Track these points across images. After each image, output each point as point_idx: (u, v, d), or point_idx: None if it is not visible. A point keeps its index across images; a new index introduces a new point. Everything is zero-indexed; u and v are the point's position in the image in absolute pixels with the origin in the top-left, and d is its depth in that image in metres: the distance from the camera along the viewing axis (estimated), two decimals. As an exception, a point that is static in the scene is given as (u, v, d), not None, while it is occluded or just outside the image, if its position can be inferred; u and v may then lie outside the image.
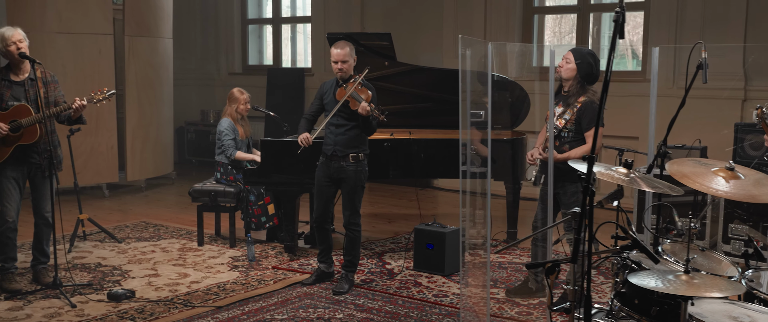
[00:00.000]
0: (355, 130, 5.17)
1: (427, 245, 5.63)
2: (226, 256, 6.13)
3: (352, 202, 5.22)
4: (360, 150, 5.20)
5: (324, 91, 5.32)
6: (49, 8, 8.28)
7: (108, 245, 6.45)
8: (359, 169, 5.19)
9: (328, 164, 5.23)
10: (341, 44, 5.15)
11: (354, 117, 5.13)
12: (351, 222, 5.24)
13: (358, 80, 5.12)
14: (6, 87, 5.04)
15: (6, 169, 5.07)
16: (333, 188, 5.31)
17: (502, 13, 8.93)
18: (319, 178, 5.31)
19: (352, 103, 5.08)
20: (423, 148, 6.13)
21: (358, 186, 5.21)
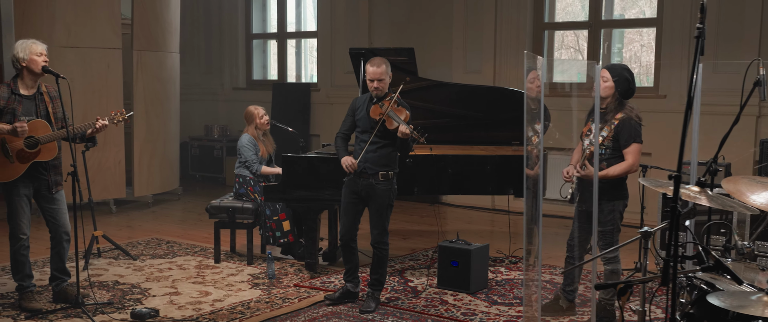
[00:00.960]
0: (387, 148, 5.10)
1: (452, 262, 5.56)
2: (245, 273, 6.04)
3: (381, 220, 5.14)
4: (390, 168, 5.13)
5: (356, 107, 5.24)
6: (57, 22, 8.21)
7: (123, 263, 6.35)
8: (388, 187, 5.12)
9: (357, 181, 5.15)
10: (377, 61, 5.05)
11: (387, 135, 5.05)
12: (379, 241, 5.17)
13: (395, 98, 5.03)
14: (18, 102, 4.94)
15: (18, 185, 4.97)
16: (360, 206, 5.23)
17: (513, 28, 8.92)
18: (346, 195, 5.23)
19: (388, 123, 4.98)
20: (451, 164, 6.07)
21: (387, 204, 5.13)
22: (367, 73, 5.07)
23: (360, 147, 5.12)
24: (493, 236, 7.54)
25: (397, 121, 4.93)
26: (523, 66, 8.88)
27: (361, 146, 5.11)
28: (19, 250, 5.07)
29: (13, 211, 5.00)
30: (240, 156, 6.38)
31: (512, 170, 6.16)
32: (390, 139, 5.07)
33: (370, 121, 5.08)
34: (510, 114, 6.66)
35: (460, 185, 6.16)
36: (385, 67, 5.04)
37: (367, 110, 5.11)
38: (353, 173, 5.14)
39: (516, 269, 6.22)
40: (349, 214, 5.22)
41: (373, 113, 5.05)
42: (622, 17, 8.82)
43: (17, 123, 4.80)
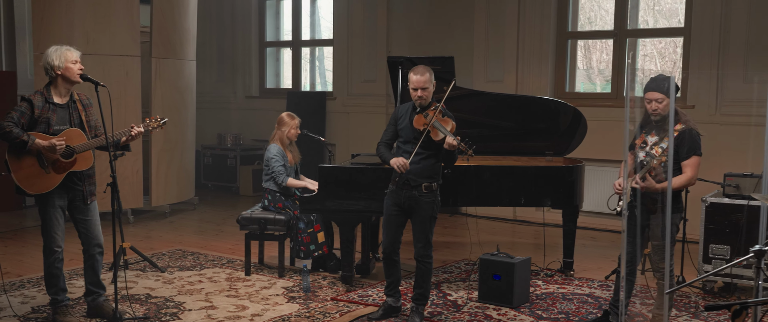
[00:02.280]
0: (430, 159, 4.96)
1: (494, 275, 5.44)
2: (278, 286, 5.90)
3: (425, 233, 5.01)
4: (434, 180, 4.99)
5: (399, 116, 5.10)
6: (76, 29, 8.07)
7: (151, 275, 6.20)
8: (432, 199, 4.98)
9: (399, 193, 5.01)
10: (421, 70, 4.91)
11: (431, 146, 4.91)
12: (423, 254, 5.03)
13: (439, 108, 4.90)
14: (52, 111, 4.80)
15: (53, 197, 4.82)
16: (403, 217, 5.10)
17: (536, 38, 8.82)
18: (388, 206, 5.10)
19: (433, 134, 4.84)
20: (489, 175, 5.95)
21: (431, 216, 5.00)
22: (411, 81, 4.93)
23: (403, 157, 4.99)
24: (516, 247, 7.42)
25: (443, 133, 4.79)
26: (546, 75, 8.84)
27: (404, 157, 4.98)
28: (53, 263, 4.92)
29: (48, 223, 4.85)
30: (268, 168, 6.24)
31: (550, 181, 6.05)
32: (434, 150, 4.94)
33: (413, 131, 4.95)
34: (544, 124, 6.57)
35: (497, 196, 6.04)
36: (429, 76, 4.91)
37: (411, 120, 4.98)
38: (396, 185, 5.01)
39: (553, 282, 6.10)
40: (391, 226, 5.09)
41: (417, 123, 4.91)
42: (647, 26, 8.74)
43: (55, 140, 4.66)
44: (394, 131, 5.10)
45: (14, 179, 4.67)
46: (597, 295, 5.75)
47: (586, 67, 9.48)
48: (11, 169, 4.66)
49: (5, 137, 4.58)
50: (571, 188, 6.09)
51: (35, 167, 4.69)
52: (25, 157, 4.67)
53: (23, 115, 4.67)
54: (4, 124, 4.58)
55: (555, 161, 6.60)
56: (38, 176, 4.71)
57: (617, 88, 8.55)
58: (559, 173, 6.07)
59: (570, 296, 5.73)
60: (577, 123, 6.45)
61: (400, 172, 4.88)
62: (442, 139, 4.77)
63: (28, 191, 4.71)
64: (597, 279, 6.23)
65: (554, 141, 6.60)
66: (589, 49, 9.40)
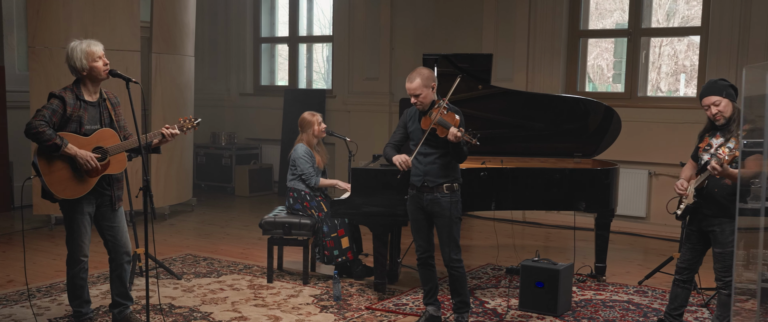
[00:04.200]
0: (444, 158, 4.75)
1: (537, 283, 5.22)
2: (306, 294, 5.63)
3: (451, 236, 4.77)
4: (453, 179, 4.78)
5: (408, 118, 4.91)
6: (74, 23, 7.68)
7: (168, 282, 5.88)
8: (454, 200, 4.77)
9: (420, 197, 4.80)
10: (412, 76, 4.74)
11: (442, 144, 4.71)
12: (453, 259, 4.80)
13: (443, 105, 4.70)
14: (83, 109, 4.47)
15: (82, 203, 4.50)
16: (429, 221, 4.87)
17: (547, 37, 8.63)
18: (412, 212, 4.88)
19: (439, 131, 4.64)
20: (523, 177, 5.73)
21: (455, 218, 4.77)
22: (406, 88, 4.75)
23: (417, 160, 4.78)
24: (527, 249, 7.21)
25: (447, 127, 4.60)
26: (558, 75, 8.66)
27: (418, 159, 4.78)
28: (78, 273, 4.60)
29: (76, 231, 4.52)
30: (295, 168, 5.96)
31: (585, 184, 5.85)
32: (445, 148, 4.74)
33: (422, 133, 4.75)
34: (573, 124, 6.37)
35: (532, 200, 5.83)
36: (420, 81, 4.71)
37: (419, 122, 4.78)
38: (416, 189, 4.80)
39: (587, 288, 5.91)
40: (421, 231, 4.88)
41: (424, 125, 4.76)
42: (663, 25, 8.61)
43: (88, 156, 4.33)
44: (404, 134, 4.92)
45: (45, 183, 4.33)
46: (637, 301, 5.56)
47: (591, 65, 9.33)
48: (42, 172, 4.32)
49: (37, 138, 4.25)
50: (606, 190, 5.89)
51: (67, 171, 4.36)
52: (57, 160, 4.34)
53: (55, 113, 4.33)
54: (35, 124, 4.25)
55: (583, 163, 6.41)
56: (71, 179, 4.38)
57: (631, 88, 8.40)
58: (595, 176, 5.87)
59: (609, 302, 5.54)
60: (608, 122, 6.25)
61: (402, 169, 4.73)
62: (447, 134, 4.59)
63: (60, 195, 4.37)
64: (630, 284, 6.05)
65: (583, 142, 6.40)
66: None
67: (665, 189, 8.09)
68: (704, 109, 4.50)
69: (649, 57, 8.68)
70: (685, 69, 11.05)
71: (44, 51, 7.66)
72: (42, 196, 4.48)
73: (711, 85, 4.48)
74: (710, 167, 4.19)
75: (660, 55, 9.73)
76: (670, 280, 6.11)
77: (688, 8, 8.90)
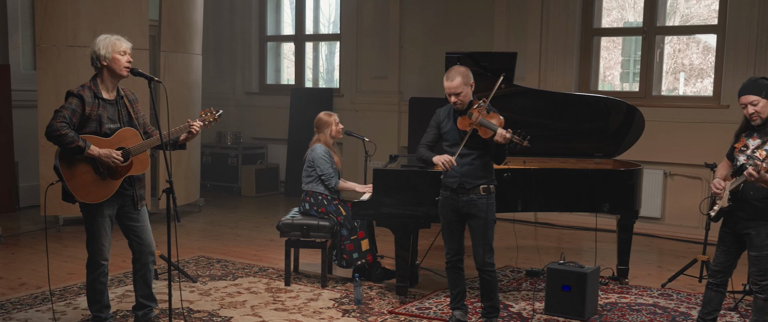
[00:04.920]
0: (482, 158, 4.65)
1: (563, 286, 5.12)
2: (325, 297, 5.52)
3: (486, 239, 4.67)
4: (490, 181, 4.68)
5: (440, 119, 4.78)
6: (82, 21, 7.56)
7: (184, 285, 5.76)
8: (491, 202, 4.66)
9: (455, 198, 4.69)
10: (451, 74, 4.60)
11: (481, 145, 4.61)
12: (486, 262, 4.70)
13: (484, 106, 4.58)
14: (102, 107, 4.34)
15: (102, 205, 4.37)
16: (462, 223, 4.77)
17: (560, 35, 8.53)
18: (445, 214, 4.77)
19: (481, 131, 4.53)
20: (547, 179, 5.63)
21: (490, 220, 4.67)
22: (444, 87, 4.63)
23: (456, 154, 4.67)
24: (541, 251, 7.14)
25: (492, 129, 4.49)
26: (571, 74, 8.56)
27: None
28: (98, 278, 4.47)
29: (96, 234, 4.40)
30: (316, 169, 5.84)
31: (609, 185, 5.75)
32: (483, 149, 4.64)
33: (459, 133, 4.64)
34: (593, 124, 6.28)
35: (555, 201, 5.72)
36: (461, 80, 4.59)
37: (455, 122, 4.66)
38: (450, 191, 4.69)
39: (610, 291, 5.81)
40: (453, 234, 4.77)
41: (462, 125, 4.62)
42: (679, 23, 8.52)
43: (113, 153, 4.21)
44: (436, 135, 4.80)
45: (69, 188, 4.20)
46: (663, 305, 5.47)
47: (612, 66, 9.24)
48: (64, 177, 4.19)
49: (58, 140, 4.12)
50: (631, 192, 5.80)
51: (90, 174, 4.24)
52: (79, 163, 4.22)
53: (74, 113, 4.21)
54: (57, 126, 4.12)
55: (604, 163, 6.31)
56: (94, 183, 4.25)
57: (646, 87, 8.31)
58: (620, 177, 5.77)
59: (636, 306, 5.44)
60: (630, 121, 6.15)
61: (445, 168, 4.60)
62: (491, 135, 4.47)
63: (84, 200, 4.25)
64: (653, 287, 5.96)
65: (603, 142, 6.30)
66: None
67: (681, 190, 8.01)
68: (741, 108, 4.39)
69: (662, 54, 8.58)
70: (684, 68, 10.98)
71: (52, 49, 7.53)
72: (63, 198, 4.36)
73: (751, 83, 4.35)
74: (747, 173, 4.09)
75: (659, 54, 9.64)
76: (693, 282, 6.06)
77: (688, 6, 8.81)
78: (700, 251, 6.60)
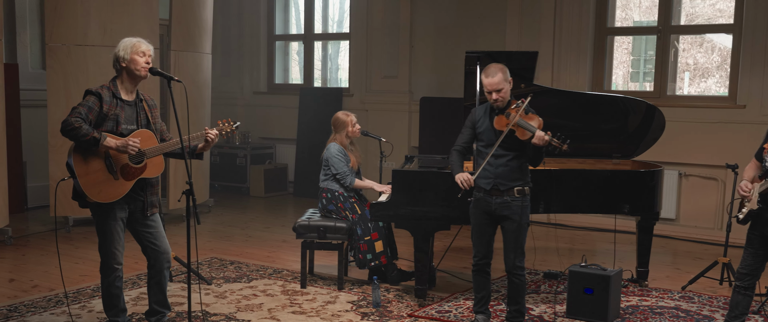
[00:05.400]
0: (517, 160, 4.57)
1: (586, 289, 5.04)
2: (343, 300, 5.44)
3: (518, 242, 4.60)
4: (525, 183, 4.60)
5: (476, 118, 4.68)
6: (92, 19, 7.48)
7: (197, 288, 5.67)
8: (525, 204, 4.58)
9: (488, 200, 4.60)
10: (492, 70, 4.51)
11: (517, 146, 4.52)
12: (516, 266, 4.62)
13: (523, 106, 4.50)
14: (120, 107, 4.27)
15: (114, 208, 4.29)
16: (494, 226, 4.69)
17: (574, 34, 8.45)
18: (476, 216, 4.68)
19: (519, 133, 4.45)
20: (567, 179, 5.55)
21: (524, 223, 4.59)
22: (484, 85, 4.53)
23: (487, 162, 4.58)
24: (561, 253, 7.06)
25: (530, 130, 4.40)
26: (584, 73, 8.48)
27: (488, 161, 4.58)
28: (113, 282, 4.39)
29: (108, 237, 4.32)
30: (330, 168, 5.76)
31: (630, 186, 5.67)
32: (519, 151, 4.55)
33: (495, 133, 4.54)
34: (611, 124, 6.19)
35: (576, 202, 5.64)
36: (502, 76, 4.51)
37: (491, 121, 4.57)
38: (483, 192, 4.60)
39: (630, 294, 5.72)
40: (482, 236, 4.68)
41: (498, 124, 4.52)
42: (695, 22, 8.43)
43: (129, 139, 4.14)
44: (471, 135, 4.71)
45: (80, 184, 4.12)
46: (685, 308, 5.39)
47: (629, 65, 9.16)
48: (77, 173, 4.11)
49: (72, 135, 4.04)
50: (651, 193, 5.72)
51: (103, 172, 4.16)
52: (93, 160, 4.14)
53: (91, 110, 4.13)
54: (71, 121, 4.04)
55: (622, 164, 6.23)
56: (106, 182, 4.17)
57: (660, 87, 8.23)
58: (640, 178, 5.69)
59: (657, 309, 5.36)
60: (649, 121, 6.08)
61: (463, 188, 4.57)
62: (529, 137, 4.39)
63: (95, 198, 4.16)
64: (674, 290, 5.88)
65: (622, 142, 6.22)
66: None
67: (696, 190, 7.93)
68: None
69: (677, 54, 8.50)
70: (687, 67, 10.89)
71: (62, 48, 7.45)
72: (72, 197, 4.28)
73: None
74: (743, 186, 4.03)
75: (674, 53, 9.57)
76: (713, 285, 5.98)
77: (693, 6, 8.73)
78: (717, 252, 6.55)
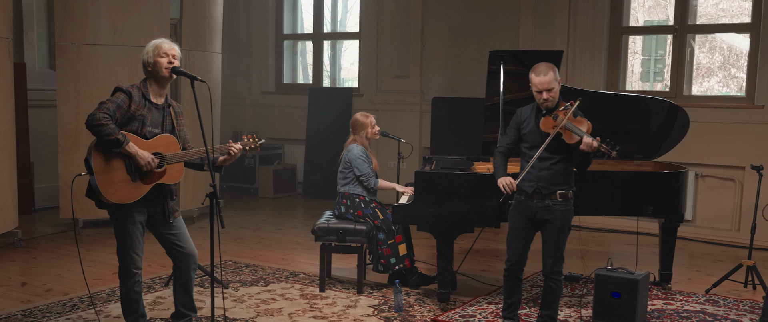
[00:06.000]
0: (562, 163, 4.46)
1: (613, 293, 4.94)
2: (363, 304, 5.34)
3: (558, 247, 4.51)
4: (569, 187, 4.49)
5: (521, 119, 4.57)
6: (102, 18, 7.38)
7: (216, 291, 5.57)
8: (568, 208, 4.48)
9: (529, 204, 4.50)
10: (543, 69, 4.39)
11: (563, 149, 4.41)
12: (554, 271, 4.53)
13: (572, 109, 4.39)
14: (148, 109, 4.18)
15: (132, 211, 4.19)
16: (532, 231, 4.59)
17: (588, 33, 8.36)
18: (516, 220, 4.57)
19: (566, 136, 4.34)
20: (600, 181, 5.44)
21: (565, 228, 4.50)
22: (533, 84, 4.42)
23: (531, 164, 4.47)
24: (575, 254, 6.97)
25: (578, 134, 4.30)
26: (599, 73, 8.39)
27: (532, 164, 4.47)
28: (133, 287, 4.29)
29: (127, 241, 4.21)
30: (353, 170, 5.66)
31: (655, 188, 5.57)
32: (565, 154, 4.44)
33: (541, 135, 4.44)
34: (633, 125, 6.10)
35: (600, 204, 5.53)
36: (553, 74, 4.41)
37: (537, 123, 4.46)
38: (525, 195, 4.50)
39: (655, 297, 5.63)
40: (519, 241, 4.58)
41: (545, 126, 4.40)
42: (710, 21, 8.35)
43: (150, 158, 4.04)
44: (516, 136, 4.59)
45: (96, 182, 4.01)
46: (711, 312, 5.30)
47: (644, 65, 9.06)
48: (95, 170, 4.00)
49: (97, 130, 3.94)
50: (677, 195, 5.62)
51: (121, 173, 4.06)
52: (114, 159, 4.03)
53: (119, 108, 4.04)
54: (98, 116, 3.94)
55: (644, 166, 6.14)
56: (123, 182, 4.07)
57: (676, 87, 8.14)
58: (665, 179, 5.59)
59: (684, 313, 5.27)
60: (671, 122, 5.98)
61: (505, 192, 4.46)
62: (577, 141, 4.28)
63: (110, 198, 4.05)
64: (697, 293, 5.79)
65: (643, 143, 6.13)
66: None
67: (713, 191, 7.84)
68: None
69: (693, 53, 8.41)
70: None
71: (71, 47, 7.35)
72: (86, 194, 4.17)
73: None
74: None
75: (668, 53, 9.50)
76: (736, 287, 5.90)
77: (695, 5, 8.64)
78: (736, 254, 6.48)
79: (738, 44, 9.32)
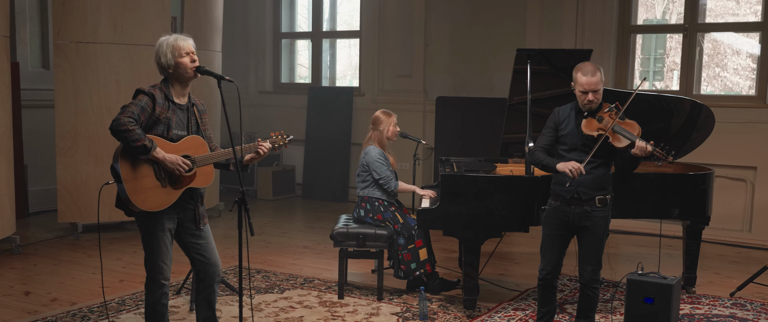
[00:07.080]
0: (602, 168, 4.30)
1: (646, 299, 4.79)
2: (385, 312, 5.17)
3: (597, 254, 4.35)
4: (607, 191, 4.34)
5: (560, 119, 4.39)
6: (102, 16, 7.15)
7: (229, 299, 5.39)
8: (606, 214, 4.33)
9: (566, 210, 4.33)
10: (590, 69, 4.20)
11: (604, 153, 4.25)
12: (593, 279, 4.38)
13: (621, 112, 4.23)
14: (172, 111, 3.97)
15: (162, 218, 3.97)
16: (568, 238, 4.43)
17: (597, 32, 8.23)
18: (552, 226, 4.41)
19: (614, 140, 4.18)
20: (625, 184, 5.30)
21: (604, 235, 4.34)
22: (579, 83, 4.22)
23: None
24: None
25: (629, 138, 4.15)
26: (607, 72, 8.26)
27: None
28: (160, 299, 4.07)
29: (156, 250, 4.00)
30: (372, 174, 5.48)
31: (681, 190, 5.45)
32: (605, 158, 4.29)
33: (581, 137, 4.27)
34: (654, 125, 5.96)
35: (626, 207, 5.39)
36: (600, 75, 4.24)
37: (577, 125, 4.30)
38: (561, 201, 4.34)
39: (682, 302, 5.51)
40: (554, 248, 4.42)
41: (588, 128, 4.23)
42: (722, 20, 8.26)
43: (180, 159, 3.84)
44: (553, 137, 4.41)
45: (125, 190, 3.80)
46: (740, 316, 5.19)
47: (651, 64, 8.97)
48: (124, 178, 3.78)
49: (123, 136, 3.72)
50: (703, 197, 5.51)
51: (150, 179, 3.85)
52: (142, 164, 3.82)
53: (143, 111, 3.82)
54: (124, 121, 3.71)
55: (664, 167, 6.01)
56: (153, 189, 3.86)
57: (686, 86, 8.03)
58: (691, 181, 5.47)
59: (713, 318, 5.15)
60: (694, 121, 5.86)
61: (572, 176, 4.16)
62: (625, 145, 4.13)
63: (140, 206, 3.83)
64: (723, 296, 5.67)
65: (665, 144, 5.98)
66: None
67: (724, 192, 7.74)
68: None
69: (702, 52, 8.32)
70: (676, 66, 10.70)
71: (70, 46, 7.11)
72: (116, 205, 3.96)
73: None
74: None
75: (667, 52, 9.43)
76: (761, 290, 5.79)
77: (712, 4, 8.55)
78: (749, 255, 6.39)
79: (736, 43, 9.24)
